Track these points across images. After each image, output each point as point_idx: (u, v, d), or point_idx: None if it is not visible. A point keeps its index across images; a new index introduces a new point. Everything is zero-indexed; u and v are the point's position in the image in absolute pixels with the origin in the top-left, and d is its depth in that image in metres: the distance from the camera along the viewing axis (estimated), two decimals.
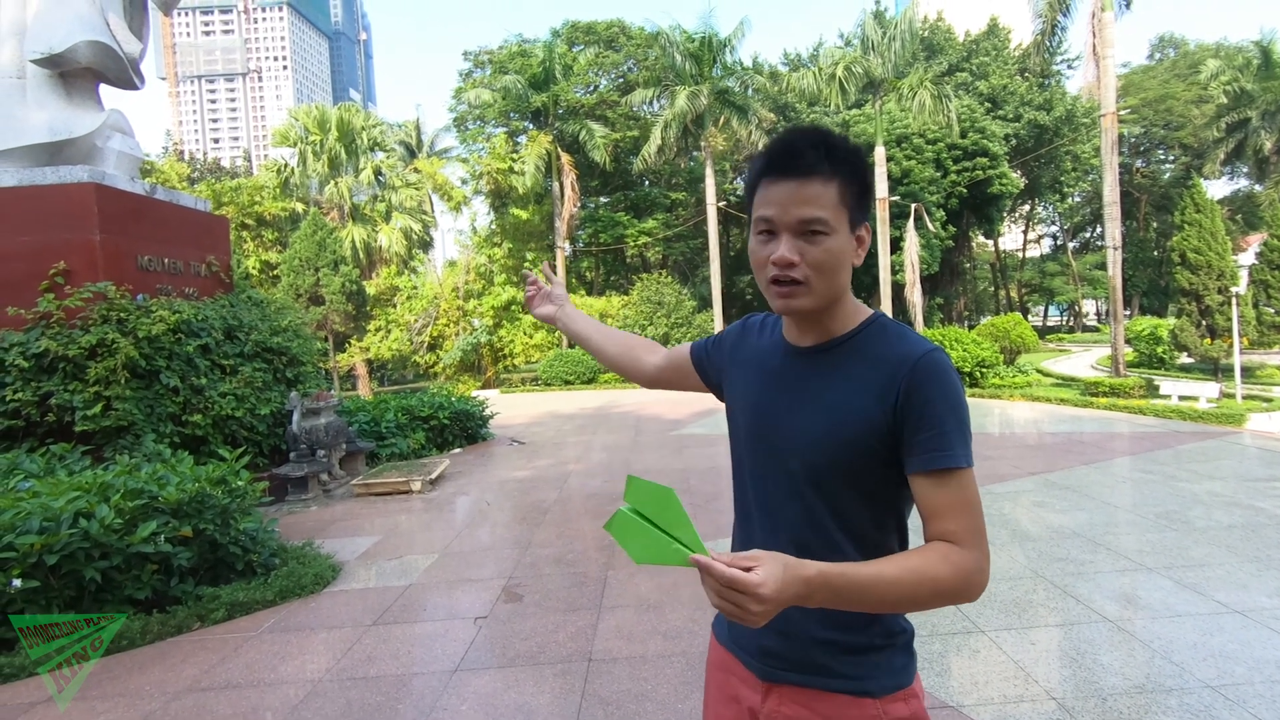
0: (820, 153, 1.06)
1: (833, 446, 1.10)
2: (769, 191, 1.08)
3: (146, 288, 7.08)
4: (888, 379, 1.07)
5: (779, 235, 1.08)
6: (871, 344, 1.12)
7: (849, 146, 1.09)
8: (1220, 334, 16.76)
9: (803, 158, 1.06)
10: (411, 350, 27.66)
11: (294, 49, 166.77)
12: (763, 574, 0.89)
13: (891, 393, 1.06)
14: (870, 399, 1.08)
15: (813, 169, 1.05)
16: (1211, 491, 6.48)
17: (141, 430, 6.36)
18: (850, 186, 1.08)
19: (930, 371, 1.06)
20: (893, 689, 1.13)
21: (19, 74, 7.11)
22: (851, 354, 1.13)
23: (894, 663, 1.15)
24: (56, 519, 3.82)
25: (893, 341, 1.11)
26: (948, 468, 1.04)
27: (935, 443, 1.04)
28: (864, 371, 1.10)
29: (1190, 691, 3.00)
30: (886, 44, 20.86)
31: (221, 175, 37.30)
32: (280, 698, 3.28)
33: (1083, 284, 43.37)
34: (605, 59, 31.12)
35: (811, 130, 1.08)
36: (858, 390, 1.10)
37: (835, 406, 1.11)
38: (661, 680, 3.29)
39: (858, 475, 1.10)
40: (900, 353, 1.09)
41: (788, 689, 1.16)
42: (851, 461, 1.09)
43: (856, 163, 1.09)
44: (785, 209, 1.06)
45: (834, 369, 1.13)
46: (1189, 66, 37.42)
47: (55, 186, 6.68)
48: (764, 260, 1.10)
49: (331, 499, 7.51)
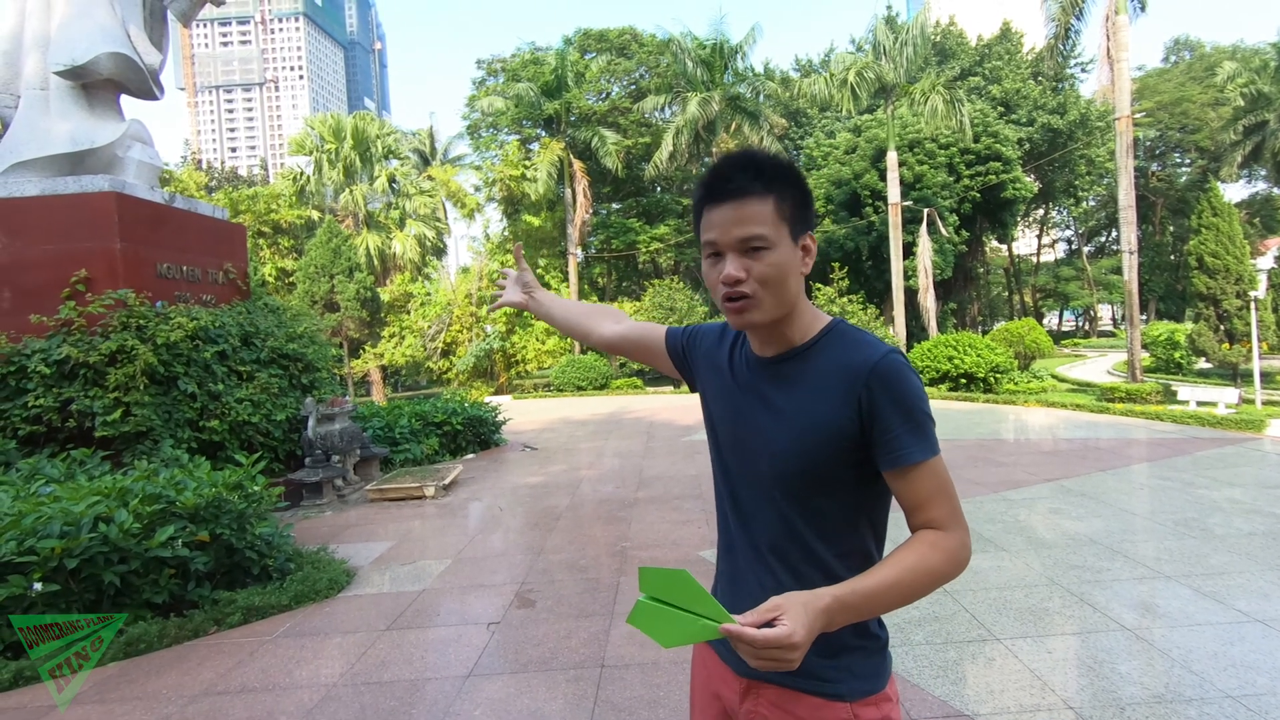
0: (750, 174, 1.11)
1: (799, 455, 1.14)
2: (710, 216, 1.14)
3: (165, 295, 7.18)
4: (848, 384, 1.12)
5: (724, 255, 1.14)
6: (830, 351, 1.17)
7: (778, 163, 1.14)
8: (1239, 339, 16.55)
9: (733, 181, 1.11)
10: (425, 356, 27.84)
11: (310, 59, 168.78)
12: (790, 624, 0.94)
13: (853, 397, 1.11)
14: (833, 405, 1.13)
15: (745, 190, 1.11)
16: (1231, 498, 6.40)
17: (160, 436, 6.44)
18: (786, 201, 1.13)
19: (889, 374, 1.11)
20: (864, 694, 1.16)
21: (42, 85, 7.24)
22: (812, 362, 1.18)
23: (866, 667, 1.18)
24: (77, 523, 3.87)
25: (850, 348, 1.16)
26: (920, 461, 1.10)
27: (904, 440, 1.10)
28: (825, 379, 1.15)
29: (1211, 702, 2.95)
30: (898, 49, 20.82)
31: (238, 184, 37.78)
32: (295, 702, 3.30)
33: (1098, 289, 42.95)
34: (617, 66, 31.24)
35: (740, 155, 1.14)
36: (820, 398, 1.14)
37: (799, 415, 1.15)
38: (674, 687, 3.28)
39: (825, 481, 1.15)
40: (859, 359, 1.13)
41: (765, 689, 1.20)
42: (819, 468, 1.14)
43: (789, 177, 1.14)
44: (726, 230, 1.12)
45: (797, 379, 1.18)
46: (1205, 69, 37.09)
47: (77, 195, 6.79)
48: (715, 281, 1.16)
49: (346, 504, 7.56)
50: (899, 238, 21.37)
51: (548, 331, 26.92)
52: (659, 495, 7.44)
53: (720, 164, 1.15)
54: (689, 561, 5.18)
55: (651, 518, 6.52)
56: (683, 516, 6.50)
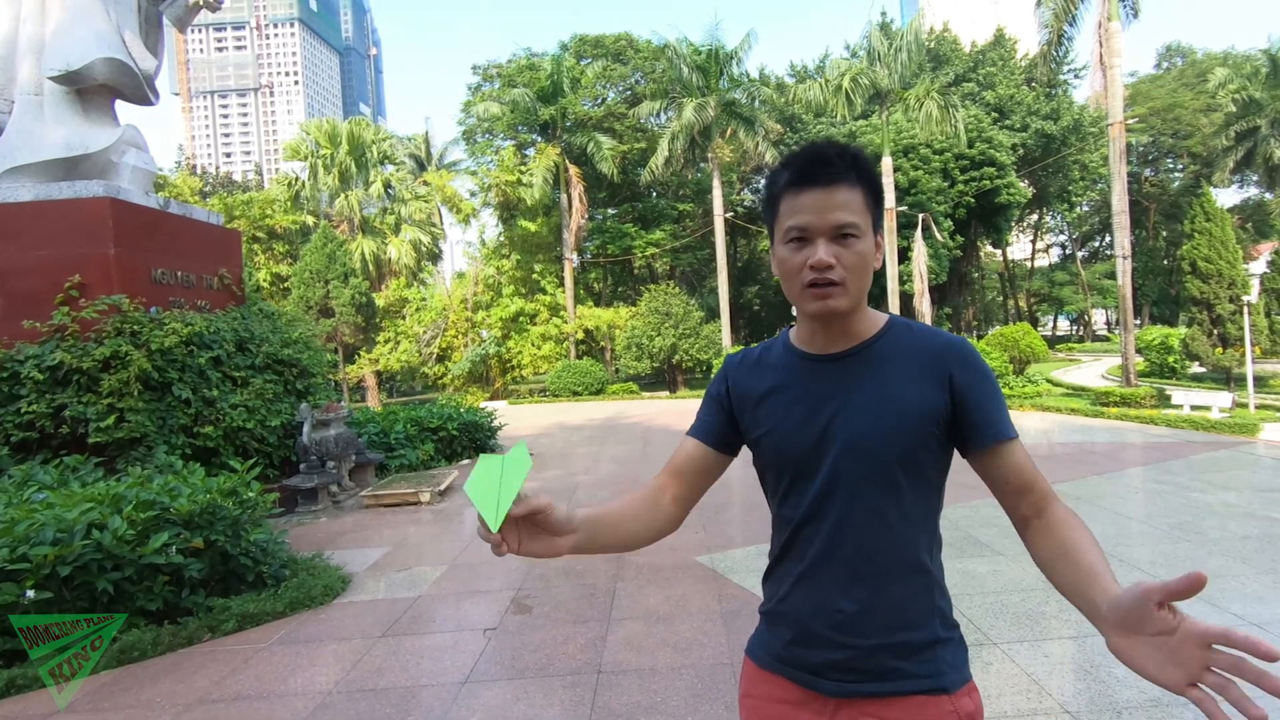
0: (847, 161, 1.11)
1: (901, 437, 1.13)
2: (799, 200, 1.12)
3: (160, 300, 7.15)
4: (935, 366, 1.15)
5: (813, 241, 1.11)
6: (904, 339, 1.18)
7: (867, 157, 1.15)
8: (1232, 343, 16.63)
9: (832, 165, 1.10)
10: (420, 362, 27.79)
11: (305, 64, 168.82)
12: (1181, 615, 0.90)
13: (942, 377, 1.14)
14: (926, 387, 1.14)
15: (840, 176, 1.10)
16: (1225, 502, 6.42)
17: (154, 442, 6.41)
18: (870, 195, 1.13)
19: (971, 355, 1.16)
20: (961, 683, 1.15)
21: (36, 91, 7.22)
22: (889, 351, 1.18)
23: (957, 656, 1.17)
24: (70, 530, 3.84)
25: (923, 334, 1.19)
26: (1014, 436, 1.14)
27: (998, 416, 1.14)
28: (908, 364, 1.16)
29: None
30: (893, 55, 20.92)
31: (233, 189, 37.70)
32: (290, 710, 3.28)
33: (1092, 293, 43.16)
34: (613, 72, 31.31)
35: (831, 144, 1.14)
36: (909, 381, 1.15)
37: (895, 399, 1.14)
38: (671, 692, 3.27)
39: (919, 464, 1.15)
40: (939, 342, 1.17)
41: (859, 702, 1.14)
42: (915, 449, 1.13)
43: (873, 173, 1.15)
44: (821, 215, 1.10)
45: (881, 366, 1.17)
46: (1197, 75, 37.38)
47: (71, 201, 6.77)
48: (798, 266, 1.12)
49: (341, 510, 7.53)
50: (894, 242, 21.45)
51: (543, 336, 26.93)
52: None
53: (812, 149, 1.13)
54: (685, 567, 5.17)
55: None
56: None
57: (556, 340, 27.01)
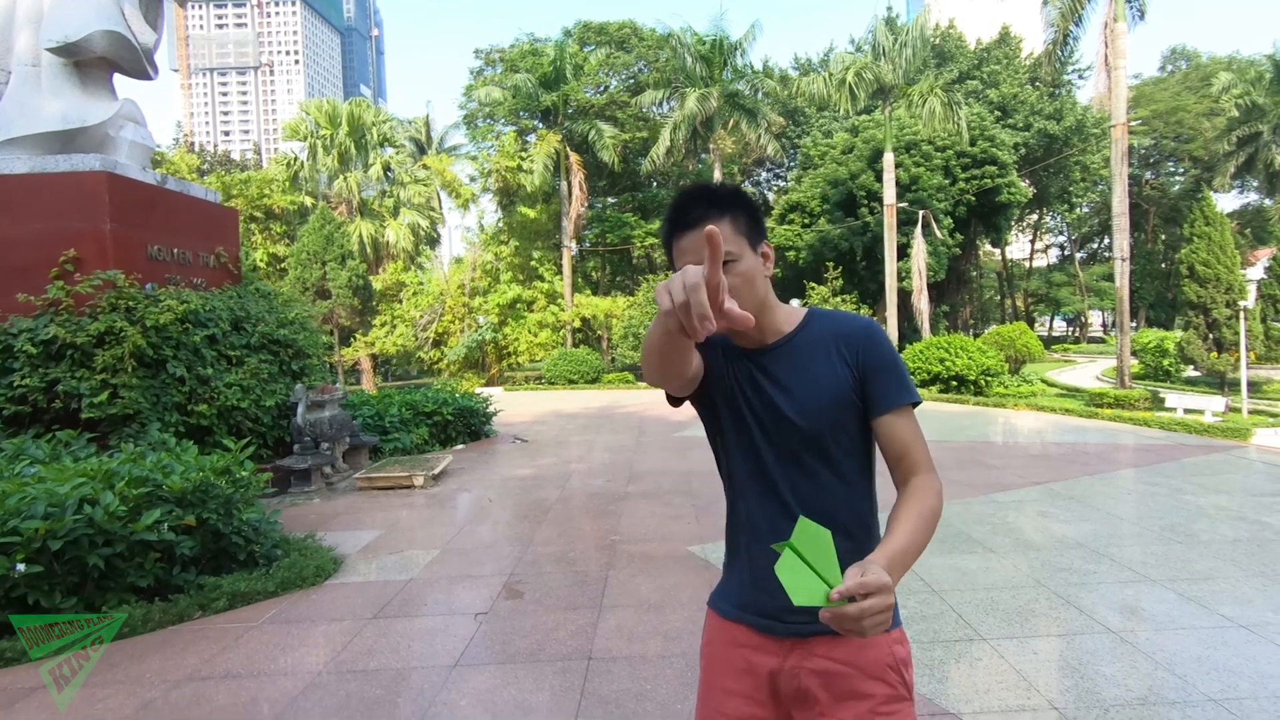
0: (705, 202, 1.31)
1: (830, 409, 1.33)
2: (680, 244, 1.31)
3: (155, 277, 7.11)
4: (847, 346, 1.36)
5: None
6: (819, 327, 1.40)
7: (727, 189, 1.35)
8: (1227, 348, 16.69)
9: (695, 208, 1.30)
10: (416, 346, 27.74)
11: (306, 44, 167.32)
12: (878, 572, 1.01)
13: (854, 355, 1.35)
14: (841, 365, 1.35)
15: (704, 216, 1.28)
16: (1217, 505, 6.45)
17: (147, 419, 6.38)
18: (739, 218, 1.31)
19: (875, 335, 1.37)
20: (894, 625, 1.32)
21: (34, 62, 7.14)
22: (811, 338, 1.39)
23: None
24: (61, 505, 3.83)
25: (836, 319, 1.41)
26: (910, 403, 1.33)
27: (895, 385, 1.33)
28: (823, 347, 1.37)
29: (1193, 705, 2.98)
30: (897, 50, 20.82)
31: (231, 168, 37.48)
32: (279, 689, 3.28)
33: (1089, 295, 43.26)
34: (616, 59, 31.12)
35: (695, 188, 1.33)
36: (831, 360, 1.36)
37: (820, 377, 1.35)
38: (661, 680, 3.28)
39: (847, 430, 1.35)
40: (847, 326, 1.39)
41: (812, 641, 1.32)
42: (842, 418, 1.34)
43: (737, 199, 1.34)
44: (698, 253, 1.25)
45: (806, 352, 1.37)
46: (1200, 79, 37.34)
47: (67, 174, 6.70)
48: None
49: (334, 492, 7.52)
50: (894, 239, 21.42)
51: (539, 324, 26.89)
52: (649, 490, 7.44)
53: (679, 199, 1.34)
54: (677, 557, 5.18)
55: (642, 512, 6.51)
56: (673, 511, 6.49)
57: (553, 328, 26.97)
